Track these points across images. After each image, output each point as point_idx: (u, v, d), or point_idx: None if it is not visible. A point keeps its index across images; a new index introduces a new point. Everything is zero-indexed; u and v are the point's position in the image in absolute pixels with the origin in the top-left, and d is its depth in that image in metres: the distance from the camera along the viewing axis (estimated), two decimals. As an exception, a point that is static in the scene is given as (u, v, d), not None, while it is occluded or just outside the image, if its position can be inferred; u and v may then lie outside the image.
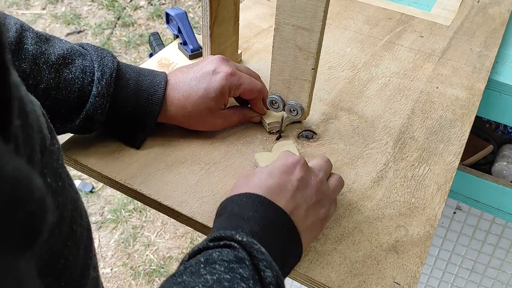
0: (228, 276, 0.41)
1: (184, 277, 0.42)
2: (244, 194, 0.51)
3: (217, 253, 0.44)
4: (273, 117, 0.71)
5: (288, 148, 0.66)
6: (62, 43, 0.61)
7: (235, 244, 0.45)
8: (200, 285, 0.40)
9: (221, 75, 0.65)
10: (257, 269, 0.44)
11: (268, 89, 0.70)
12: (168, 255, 1.78)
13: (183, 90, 0.64)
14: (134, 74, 0.63)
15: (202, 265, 0.43)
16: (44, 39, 0.60)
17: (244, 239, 0.45)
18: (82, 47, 0.63)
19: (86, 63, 0.60)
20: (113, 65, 0.61)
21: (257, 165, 0.65)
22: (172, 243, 1.82)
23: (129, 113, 0.63)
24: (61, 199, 0.36)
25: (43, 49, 0.59)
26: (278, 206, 0.50)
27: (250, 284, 0.42)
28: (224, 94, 0.65)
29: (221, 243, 0.45)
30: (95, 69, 0.60)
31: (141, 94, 0.62)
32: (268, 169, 0.54)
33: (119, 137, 0.67)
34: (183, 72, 0.66)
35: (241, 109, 0.71)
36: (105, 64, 0.61)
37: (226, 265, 0.42)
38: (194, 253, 0.45)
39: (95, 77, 0.59)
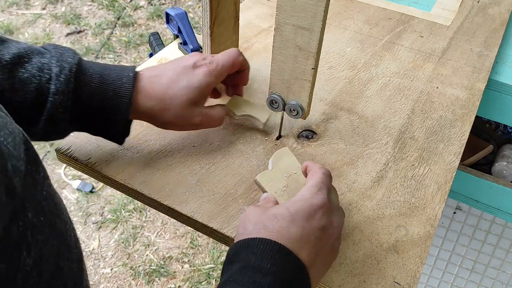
0: None
1: None
2: (261, 240, 0.46)
3: None
4: (244, 108, 0.70)
5: (286, 157, 0.63)
6: (19, 44, 0.57)
7: None
8: None
9: (203, 68, 0.62)
10: None
11: (269, 90, 0.70)
12: (168, 255, 1.78)
13: (162, 83, 0.61)
14: (98, 69, 0.59)
15: None
16: (0, 40, 0.56)
17: None
18: (43, 47, 0.58)
19: (44, 60, 0.56)
20: (73, 60, 0.57)
21: (262, 188, 0.61)
22: (172, 243, 1.82)
23: (97, 109, 0.58)
24: (40, 237, 0.33)
25: None
26: (300, 260, 0.46)
27: None
28: (209, 85, 0.62)
29: None
30: (53, 65, 0.56)
31: (108, 88, 0.58)
32: (290, 212, 0.49)
33: (94, 134, 0.63)
34: (159, 68, 0.63)
35: (222, 107, 0.67)
36: (64, 59, 0.56)
37: None
38: None
39: (53, 74, 0.55)
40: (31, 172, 0.33)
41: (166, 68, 0.62)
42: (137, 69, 0.62)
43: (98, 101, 0.58)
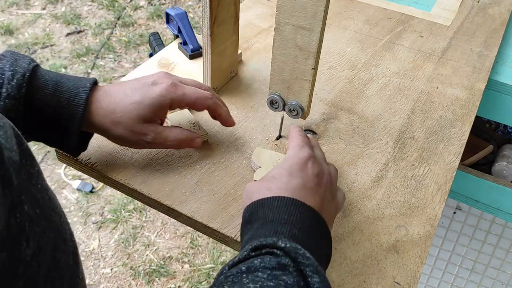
0: (271, 284, 0.40)
1: (226, 287, 0.40)
2: (275, 197, 0.49)
3: (259, 260, 0.42)
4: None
5: (263, 154, 0.66)
6: None
7: (278, 251, 0.43)
8: None
9: (161, 86, 0.61)
10: (303, 275, 0.42)
11: (269, 90, 0.70)
12: (168, 255, 1.78)
13: (116, 96, 0.60)
14: (54, 76, 0.58)
15: (244, 274, 0.41)
16: None
17: (288, 245, 0.43)
18: (1, 54, 0.58)
19: None
20: (28, 66, 0.56)
21: (255, 164, 0.65)
22: (172, 243, 1.82)
23: (50, 116, 0.57)
24: (38, 229, 0.34)
25: None
26: (311, 206, 0.49)
27: None
28: (161, 105, 0.60)
29: (263, 251, 0.44)
30: (6, 70, 0.55)
31: (62, 95, 0.57)
32: (285, 169, 0.52)
33: (51, 145, 0.61)
34: (121, 83, 0.62)
35: (181, 129, 0.64)
36: (18, 65, 0.56)
37: (269, 272, 0.41)
38: (235, 264, 0.44)
39: (5, 78, 0.54)
40: (26, 165, 0.34)
41: (127, 84, 0.62)
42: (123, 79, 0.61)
43: (51, 109, 0.57)
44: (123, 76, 1.09)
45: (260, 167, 0.65)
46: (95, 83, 0.60)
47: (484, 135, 1.13)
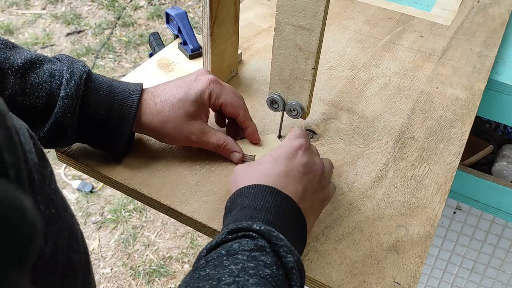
0: (252, 264, 0.43)
1: (208, 270, 0.43)
2: (252, 185, 0.51)
3: (237, 244, 0.45)
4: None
5: (271, 142, 0.68)
6: (30, 51, 0.59)
7: (254, 234, 0.46)
8: (226, 276, 0.41)
9: (203, 80, 0.63)
10: (278, 255, 0.45)
11: (269, 90, 0.70)
12: (168, 255, 1.78)
13: (162, 95, 0.62)
14: (107, 80, 0.61)
15: (224, 257, 0.44)
16: (11, 45, 0.58)
17: (262, 228, 0.46)
18: (54, 57, 0.60)
19: (55, 67, 0.58)
20: (84, 69, 0.59)
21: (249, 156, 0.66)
22: (172, 243, 1.82)
23: (102, 117, 0.59)
24: (54, 228, 0.34)
25: (8, 54, 0.56)
26: (287, 195, 0.51)
27: (274, 270, 0.43)
28: (205, 99, 0.63)
29: (239, 234, 0.46)
30: (64, 71, 0.57)
31: (115, 97, 0.60)
32: (273, 157, 0.55)
33: (97, 146, 0.64)
34: (165, 83, 0.65)
35: (225, 136, 0.65)
36: (75, 67, 0.58)
37: (248, 254, 0.44)
38: (212, 248, 0.46)
39: (64, 79, 0.57)
40: (40, 166, 0.34)
41: (170, 83, 0.64)
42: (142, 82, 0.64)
43: (104, 110, 0.59)
44: (123, 76, 1.09)
45: (254, 155, 0.66)
46: (142, 85, 0.63)
47: (484, 135, 1.13)
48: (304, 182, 0.53)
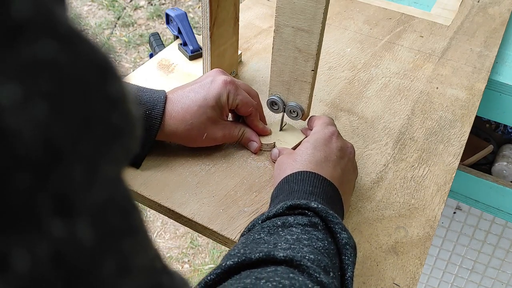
0: (305, 236, 0.45)
1: (262, 235, 0.46)
2: (298, 172, 0.54)
3: (292, 218, 0.48)
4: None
5: (296, 135, 0.70)
6: None
7: (308, 212, 0.48)
8: (282, 242, 0.44)
9: (218, 82, 0.64)
10: (332, 232, 0.48)
11: (269, 91, 0.70)
12: (168, 255, 1.78)
13: (182, 103, 0.63)
14: (133, 89, 0.62)
15: (280, 228, 0.47)
16: None
17: (320, 206, 0.48)
18: None
19: None
20: None
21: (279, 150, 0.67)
22: (172, 243, 1.82)
23: None
24: None
25: None
26: (331, 181, 0.54)
27: (326, 244, 0.46)
28: (223, 102, 0.64)
29: (296, 211, 0.49)
30: None
31: (140, 108, 0.60)
32: (311, 144, 0.58)
33: None
34: (181, 88, 0.65)
35: (243, 125, 0.68)
36: None
37: (302, 228, 0.47)
38: (268, 218, 0.49)
39: None
40: None
41: (187, 87, 0.65)
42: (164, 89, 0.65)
43: None
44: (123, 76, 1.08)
45: (274, 142, 0.68)
46: (166, 94, 0.64)
47: (484, 135, 1.13)
48: (342, 165, 0.57)
